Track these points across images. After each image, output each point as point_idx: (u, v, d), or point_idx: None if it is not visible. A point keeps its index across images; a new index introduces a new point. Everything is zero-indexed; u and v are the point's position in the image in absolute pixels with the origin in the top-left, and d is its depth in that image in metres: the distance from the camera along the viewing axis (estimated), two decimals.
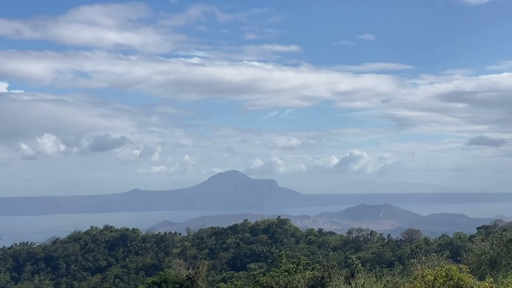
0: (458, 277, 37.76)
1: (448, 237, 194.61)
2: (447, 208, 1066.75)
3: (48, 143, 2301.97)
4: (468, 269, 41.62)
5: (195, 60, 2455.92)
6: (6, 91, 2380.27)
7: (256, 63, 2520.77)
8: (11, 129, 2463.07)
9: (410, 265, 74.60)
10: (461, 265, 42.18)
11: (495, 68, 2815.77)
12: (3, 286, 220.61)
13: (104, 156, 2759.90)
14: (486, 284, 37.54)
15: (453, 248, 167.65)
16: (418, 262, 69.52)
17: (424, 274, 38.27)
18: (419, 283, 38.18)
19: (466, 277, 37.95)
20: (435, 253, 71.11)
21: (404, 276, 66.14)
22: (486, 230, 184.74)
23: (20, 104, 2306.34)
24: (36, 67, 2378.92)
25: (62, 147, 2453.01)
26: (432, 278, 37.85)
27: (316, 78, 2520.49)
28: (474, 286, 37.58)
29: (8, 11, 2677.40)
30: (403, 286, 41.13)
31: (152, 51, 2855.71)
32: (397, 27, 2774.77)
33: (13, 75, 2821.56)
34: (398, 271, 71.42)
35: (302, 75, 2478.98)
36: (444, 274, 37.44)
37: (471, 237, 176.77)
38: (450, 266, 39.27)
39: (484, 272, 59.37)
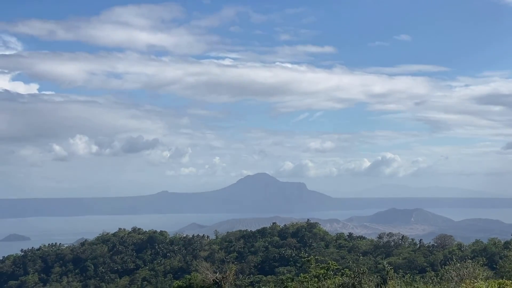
0: None
1: (482, 243, 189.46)
2: (481, 213, 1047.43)
3: (80, 144, 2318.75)
4: None
5: (227, 62, 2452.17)
6: (37, 92, 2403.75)
7: (289, 65, 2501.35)
8: (42, 131, 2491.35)
9: (444, 272, 71.39)
10: None
11: None
12: (32, 287, 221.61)
13: (134, 157, 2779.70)
14: None
15: (487, 255, 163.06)
16: (453, 269, 66.19)
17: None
18: None
19: None
20: (470, 260, 67.93)
21: (438, 284, 63.07)
22: None
23: (51, 105, 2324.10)
24: (69, 68, 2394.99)
25: (94, 149, 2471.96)
26: None
27: (350, 80, 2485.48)
28: None
29: (43, 12, 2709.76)
30: None
31: (185, 52, 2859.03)
32: (434, 27, 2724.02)
33: (45, 76, 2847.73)
34: (432, 278, 68.33)
35: (336, 77, 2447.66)
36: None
37: (506, 244, 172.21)
38: (504, 281, 36.08)
39: None
